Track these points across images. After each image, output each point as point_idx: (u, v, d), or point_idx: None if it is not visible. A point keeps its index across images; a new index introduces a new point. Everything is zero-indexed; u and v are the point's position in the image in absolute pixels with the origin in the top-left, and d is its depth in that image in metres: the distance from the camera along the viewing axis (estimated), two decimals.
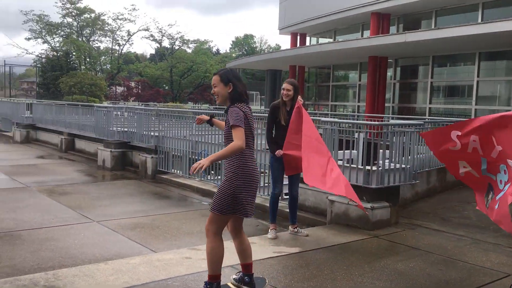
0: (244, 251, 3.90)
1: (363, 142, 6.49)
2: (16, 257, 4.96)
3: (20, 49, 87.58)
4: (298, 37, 24.37)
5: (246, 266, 3.91)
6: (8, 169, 10.85)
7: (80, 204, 7.53)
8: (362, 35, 20.09)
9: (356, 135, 6.97)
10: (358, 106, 19.80)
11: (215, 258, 3.69)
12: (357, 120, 13.43)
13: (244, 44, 72.57)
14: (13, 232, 5.86)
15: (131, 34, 52.03)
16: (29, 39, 47.97)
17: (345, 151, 6.67)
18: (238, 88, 3.69)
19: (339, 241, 5.63)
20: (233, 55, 64.72)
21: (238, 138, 3.49)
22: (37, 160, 12.81)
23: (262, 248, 5.22)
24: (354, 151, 6.80)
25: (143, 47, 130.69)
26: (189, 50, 54.29)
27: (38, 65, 48.11)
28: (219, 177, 9.12)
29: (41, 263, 4.82)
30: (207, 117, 4.23)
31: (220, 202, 3.62)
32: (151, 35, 53.04)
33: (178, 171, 10.08)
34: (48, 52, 47.88)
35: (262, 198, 7.69)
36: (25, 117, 17.79)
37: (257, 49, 71.31)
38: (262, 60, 23.71)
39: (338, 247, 5.40)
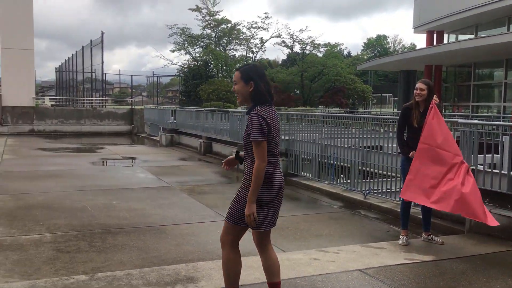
0: (270, 268, 3.47)
1: (510, 146, 5.94)
2: (161, 249, 5.49)
3: (166, 60, 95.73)
4: (435, 35, 23.07)
5: (273, 285, 3.47)
6: (155, 169, 11.98)
7: (217, 203, 8.04)
8: (508, 29, 18.33)
9: (501, 138, 6.40)
10: (504, 106, 18.08)
11: (231, 271, 3.41)
12: (503, 121, 12.29)
13: (377, 45, 70.63)
14: (159, 227, 6.48)
15: (264, 41, 53.88)
16: (173, 50, 52.27)
17: (486, 155, 6.18)
18: (259, 87, 3.28)
19: (478, 251, 5.23)
20: (365, 57, 63.35)
21: (259, 157, 3.18)
22: (180, 162, 13.94)
23: (392, 254, 5.08)
24: (497, 155, 6.26)
25: (275, 53, 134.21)
26: (319, 54, 54.47)
27: (181, 75, 52.16)
28: (349, 180, 9.05)
29: (182, 255, 5.26)
30: (233, 157, 3.75)
31: (235, 211, 3.32)
32: (283, 41, 54.31)
33: (308, 174, 10.21)
34: (189, 62, 51.72)
35: (393, 203, 7.46)
36: (169, 123, 19.48)
37: (390, 49, 68.87)
38: (396, 60, 22.90)
39: (478, 258, 5.02)
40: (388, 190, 7.95)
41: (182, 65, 52.35)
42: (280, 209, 3.48)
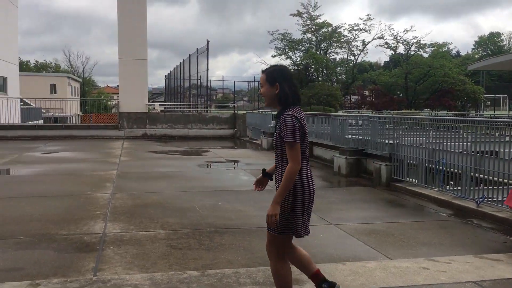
0: (301, 261, 3.54)
1: None
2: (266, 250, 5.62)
3: (267, 65, 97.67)
4: None
5: (315, 275, 3.56)
6: (258, 172, 12.24)
7: (319, 207, 8.04)
8: None
9: None
10: None
11: (283, 281, 3.38)
12: None
13: (489, 43, 65.81)
14: (263, 228, 6.62)
15: (366, 43, 52.75)
16: (274, 56, 53.20)
17: None
18: (284, 89, 3.25)
19: None
20: (476, 56, 59.31)
21: (293, 159, 3.12)
22: None
23: (510, 267, 4.73)
24: None
25: (377, 55, 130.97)
26: (425, 55, 52.07)
27: None
28: (459, 187, 8.55)
29: None
30: (261, 176, 3.73)
31: (279, 221, 3.25)
32: (386, 43, 52.81)
33: (414, 180, 9.82)
34: (290, 67, 52.23)
35: (510, 213, 6.92)
36: (270, 127, 19.82)
37: (505, 47, 63.74)
38: None
39: None
40: (504, 198, 7.39)
41: None
42: (384, 215, 3.43)
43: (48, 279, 4.43)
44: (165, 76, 47.41)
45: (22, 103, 31.14)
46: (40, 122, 30.06)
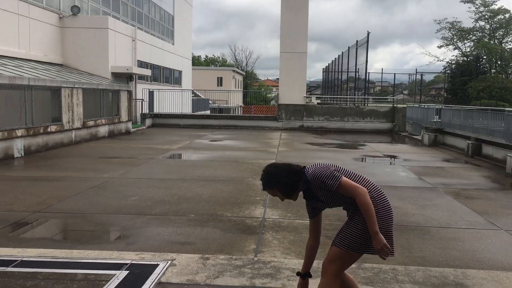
0: (349, 285, 3.29)
1: None
2: (425, 249, 5.38)
3: (431, 57, 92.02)
4: None
5: None
6: (417, 169, 11.70)
7: (487, 210, 7.39)
8: None
9: None
10: None
11: None
12: None
13: None
14: (423, 227, 6.34)
15: None
16: (440, 46, 49.95)
17: None
18: (285, 186, 3.08)
19: None
20: None
21: (352, 191, 2.97)
22: (443, 163, 13.26)
23: None
24: None
25: None
26: None
27: (448, 71, 49.28)
28: None
29: (448, 260, 5.05)
30: (301, 280, 3.40)
31: (354, 238, 3.06)
32: None
33: None
34: (458, 58, 48.44)
35: None
36: (433, 122, 18.67)
37: None
38: None
39: None
40: None
41: (450, 61, 49.43)
42: None
43: (215, 255, 4.86)
44: (323, 69, 47.74)
45: (193, 95, 34.24)
46: (207, 112, 32.75)
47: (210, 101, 36.84)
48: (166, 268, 4.26)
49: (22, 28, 17.91)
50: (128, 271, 4.16)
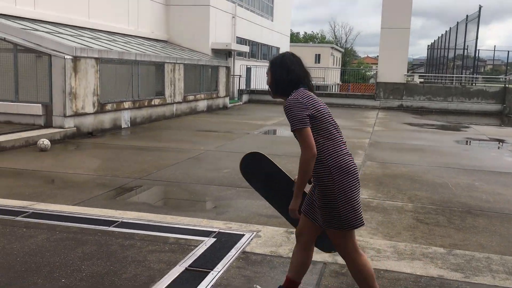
0: (303, 266, 3.08)
1: None
2: None
3: None
4: None
5: (294, 284, 3.09)
6: None
7: None
8: None
9: None
10: None
11: (367, 275, 2.85)
12: None
13: None
14: None
15: None
16: None
17: None
18: (276, 76, 2.91)
19: None
20: None
21: (303, 145, 2.72)
22: None
23: None
24: None
25: None
26: None
27: None
28: None
29: None
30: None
31: (339, 216, 2.75)
32: None
33: None
34: None
35: None
36: None
37: None
38: None
39: None
40: None
41: None
42: None
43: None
44: (428, 46, 45.07)
45: None
46: None
47: None
48: (251, 239, 4.39)
49: (131, 6, 19.03)
50: (215, 239, 4.35)
